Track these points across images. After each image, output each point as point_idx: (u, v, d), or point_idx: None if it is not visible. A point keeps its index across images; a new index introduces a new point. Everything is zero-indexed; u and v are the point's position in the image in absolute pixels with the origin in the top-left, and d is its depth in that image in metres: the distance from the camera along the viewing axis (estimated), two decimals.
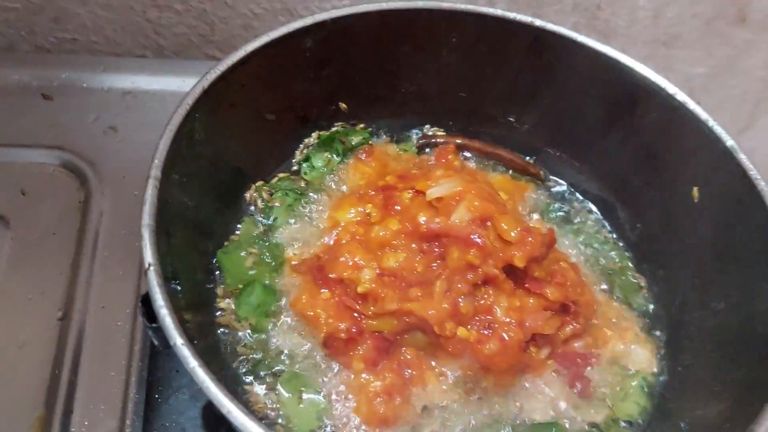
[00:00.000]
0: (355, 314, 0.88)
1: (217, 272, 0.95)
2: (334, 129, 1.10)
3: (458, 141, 1.12)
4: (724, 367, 0.87)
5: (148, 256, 0.73)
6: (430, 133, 1.15)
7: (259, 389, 0.87)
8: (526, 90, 1.08)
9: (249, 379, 0.88)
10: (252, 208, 1.03)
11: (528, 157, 1.15)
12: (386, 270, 0.89)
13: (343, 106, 1.10)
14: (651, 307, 1.02)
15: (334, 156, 1.08)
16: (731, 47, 1.51)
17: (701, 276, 0.95)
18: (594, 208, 1.12)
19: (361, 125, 1.13)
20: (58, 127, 1.22)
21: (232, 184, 1.01)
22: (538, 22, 1.01)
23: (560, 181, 1.15)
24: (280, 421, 0.85)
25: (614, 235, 1.09)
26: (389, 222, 0.92)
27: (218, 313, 0.92)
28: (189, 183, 0.88)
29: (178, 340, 0.68)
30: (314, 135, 1.10)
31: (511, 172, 1.14)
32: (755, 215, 0.87)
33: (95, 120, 1.25)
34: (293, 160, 1.09)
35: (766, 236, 0.86)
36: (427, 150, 1.14)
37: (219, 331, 0.91)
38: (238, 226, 1.01)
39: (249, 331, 0.91)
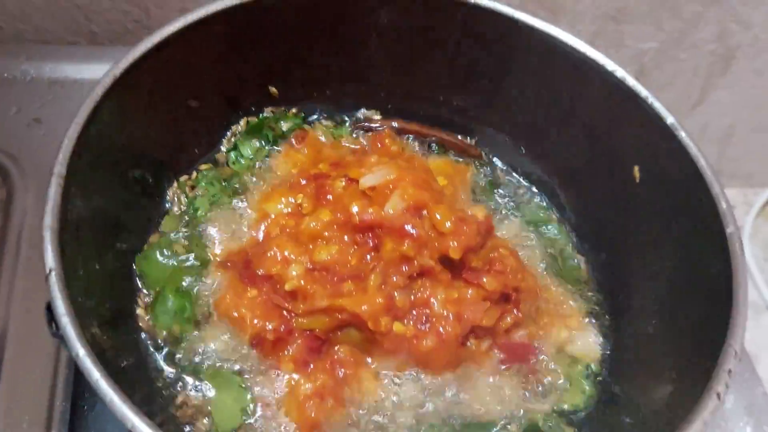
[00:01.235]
0: (285, 312, 0.84)
1: (138, 278, 0.90)
2: (263, 115, 1.05)
3: (395, 124, 1.09)
4: (666, 351, 0.85)
5: (50, 260, 0.68)
6: (366, 117, 1.11)
7: (185, 393, 0.83)
8: (464, 70, 1.04)
9: (175, 386, 0.84)
10: (175, 204, 0.97)
11: (468, 139, 1.11)
12: (318, 264, 0.85)
13: (273, 90, 1.05)
14: (594, 291, 1.00)
15: (264, 144, 1.03)
16: (681, 21, 1.49)
17: (643, 257, 0.93)
18: (535, 189, 1.09)
19: (293, 110, 1.08)
20: None
21: (153, 178, 0.95)
22: None
23: (501, 163, 1.11)
24: (205, 421, 0.82)
25: (556, 218, 1.07)
26: (320, 213, 0.88)
27: (140, 323, 0.87)
28: (101, 180, 0.83)
29: (80, 350, 0.63)
30: (242, 122, 1.04)
31: (451, 154, 1.10)
32: (696, 193, 0.85)
33: (17, 112, 1.18)
34: (220, 149, 1.04)
35: (707, 215, 0.83)
36: (364, 134, 1.09)
37: (142, 342, 0.86)
38: (160, 223, 0.95)
39: (172, 339, 0.86)
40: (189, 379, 0.84)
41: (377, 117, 1.11)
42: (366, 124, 1.10)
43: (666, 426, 0.70)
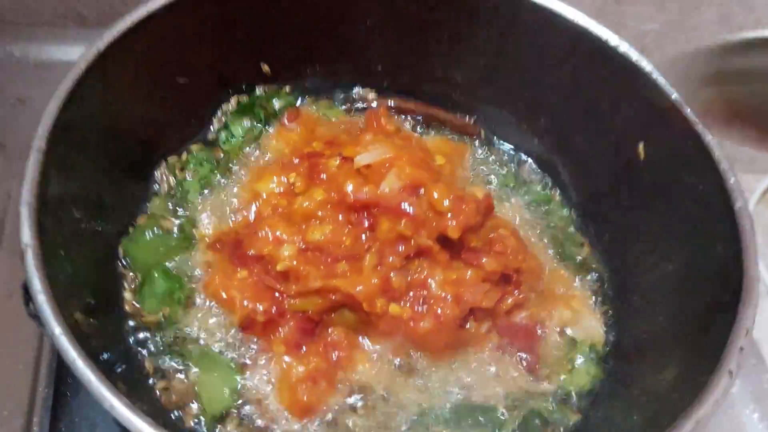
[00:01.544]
0: (276, 294, 0.81)
1: (124, 261, 0.87)
2: (255, 93, 1.02)
3: (391, 103, 1.05)
4: (674, 331, 0.82)
5: (26, 236, 0.65)
6: (361, 96, 1.08)
7: (171, 378, 0.80)
8: (463, 46, 1.00)
9: (162, 371, 0.81)
10: (163, 185, 0.94)
11: (467, 117, 1.08)
12: (311, 244, 0.82)
13: (265, 67, 1.01)
14: (598, 271, 0.97)
15: (255, 123, 0.99)
16: (682, 2, 1.46)
17: (648, 236, 0.91)
18: (537, 168, 1.06)
19: (286, 88, 1.04)
20: None
21: (140, 157, 0.91)
22: None
23: (501, 141, 1.08)
24: (194, 405, 0.79)
25: (559, 197, 1.03)
26: (314, 192, 0.85)
27: (126, 307, 0.84)
28: (85, 157, 0.79)
29: (56, 329, 0.60)
30: (233, 100, 1.00)
31: (449, 133, 1.07)
32: (703, 169, 0.82)
33: (0, 93, 1.16)
34: (210, 129, 1.00)
35: (714, 191, 0.80)
36: (359, 113, 1.06)
37: (127, 327, 0.83)
38: (148, 205, 0.92)
39: (159, 322, 0.83)
40: (175, 363, 0.81)
41: (372, 95, 1.08)
42: (361, 102, 1.06)
43: (675, 407, 0.66)
